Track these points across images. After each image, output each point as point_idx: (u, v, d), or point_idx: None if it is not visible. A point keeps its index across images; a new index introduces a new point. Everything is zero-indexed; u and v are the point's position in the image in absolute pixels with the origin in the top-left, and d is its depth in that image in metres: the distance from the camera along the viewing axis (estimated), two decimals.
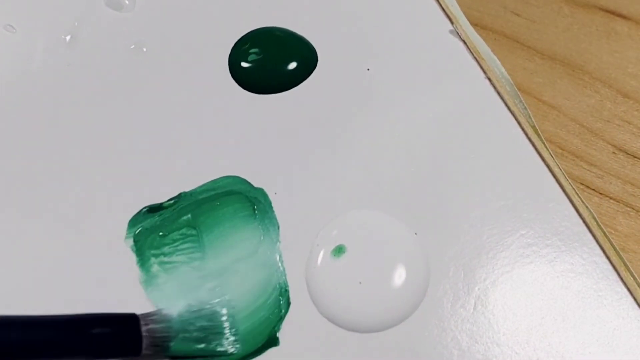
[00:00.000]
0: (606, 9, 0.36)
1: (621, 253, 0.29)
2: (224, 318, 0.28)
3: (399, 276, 0.29)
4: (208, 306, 0.29)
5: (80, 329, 0.26)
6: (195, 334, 0.28)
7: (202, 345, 0.28)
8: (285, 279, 0.30)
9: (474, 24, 0.35)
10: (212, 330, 0.28)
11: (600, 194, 0.31)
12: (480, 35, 0.35)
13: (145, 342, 0.27)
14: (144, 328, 0.27)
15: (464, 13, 0.36)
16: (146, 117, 0.34)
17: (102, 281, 0.30)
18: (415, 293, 0.29)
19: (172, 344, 0.27)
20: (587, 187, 0.31)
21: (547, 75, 0.34)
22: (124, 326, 0.27)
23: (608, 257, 0.30)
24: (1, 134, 0.33)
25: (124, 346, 0.27)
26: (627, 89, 0.34)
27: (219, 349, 0.28)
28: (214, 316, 0.28)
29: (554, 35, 0.35)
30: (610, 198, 0.31)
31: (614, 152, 0.32)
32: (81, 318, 0.27)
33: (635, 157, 0.32)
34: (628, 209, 0.31)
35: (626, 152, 0.32)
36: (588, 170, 0.32)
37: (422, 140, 0.33)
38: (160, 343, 0.27)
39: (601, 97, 0.34)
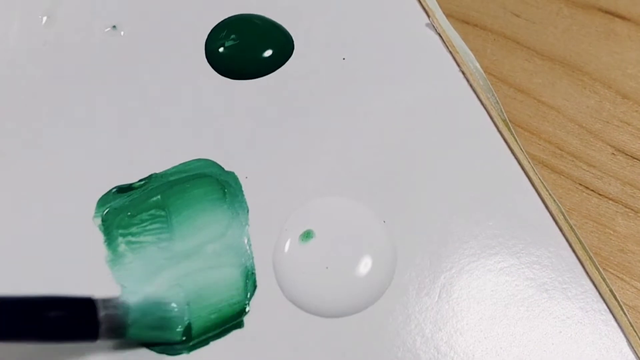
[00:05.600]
0: (606, 10, 0.36)
1: (587, 247, 0.30)
2: (178, 309, 0.29)
3: (366, 263, 0.29)
4: (165, 297, 0.29)
5: (35, 311, 0.26)
6: (151, 322, 0.28)
7: (157, 333, 0.28)
8: (253, 262, 0.30)
9: (474, 24, 0.35)
10: (167, 321, 0.28)
11: (600, 194, 0.31)
12: (480, 35, 0.35)
13: (102, 327, 0.27)
14: (101, 313, 0.27)
15: (464, 13, 0.36)
16: (120, 98, 0.34)
17: (68, 260, 0.30)
18: (381, 280, 0.29)
19: (128, 330, 0.27)
20: (586, 187, 0.31)
21: (546, 76, 0.34)
22: (80, 310, 0.27)
23: (574, 251, 0.30)
24: None
25: (81, 330, 0.26)
26: (626, 90, 0.34)
27: (171, 337, 0.28)
28: (169, 307, 0.29)
29: (553, 36, 0.35)
30: (610, 199, 0.31)
31: (613, 153, 0.32)
32: (37, 300, 0.26)
33: (634, 158, 0.32)
34: (627, 209, 0.31)
35: (625, 153, 0.32)
36: (587, 171, 0.32)
37: (394, 130, 0.33)
38: (117, 329, 0.27)
39: (600, 98, 0.34)
